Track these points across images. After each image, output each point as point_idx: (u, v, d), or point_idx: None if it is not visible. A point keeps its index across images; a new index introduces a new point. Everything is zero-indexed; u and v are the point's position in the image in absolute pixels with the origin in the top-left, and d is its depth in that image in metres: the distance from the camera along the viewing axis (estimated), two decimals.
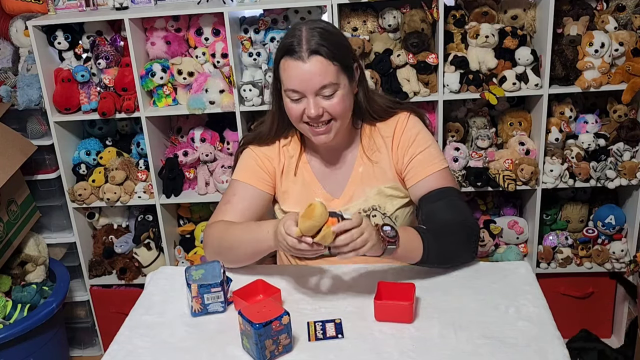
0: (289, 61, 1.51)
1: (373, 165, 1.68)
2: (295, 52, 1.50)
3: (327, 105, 1.53)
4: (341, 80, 1.53)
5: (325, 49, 1.49)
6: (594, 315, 2.70)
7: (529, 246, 2.64)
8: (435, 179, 1.63)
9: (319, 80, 1.50)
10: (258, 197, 1.70)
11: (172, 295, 1.58)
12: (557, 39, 2.35)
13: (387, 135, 1.68)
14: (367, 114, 1.67)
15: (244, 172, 1.71)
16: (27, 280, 2.57)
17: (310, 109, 1.52)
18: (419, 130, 1.67)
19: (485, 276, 1.55)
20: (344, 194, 1.69)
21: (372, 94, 1.68)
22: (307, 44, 1.49)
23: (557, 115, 2.46)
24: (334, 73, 1.51)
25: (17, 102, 2.54)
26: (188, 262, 2.72)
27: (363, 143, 1.69)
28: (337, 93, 1.53)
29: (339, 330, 1.38)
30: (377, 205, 1.67)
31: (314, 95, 1.52)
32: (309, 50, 1.49)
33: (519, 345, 1.30)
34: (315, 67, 1.49)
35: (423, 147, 1.65)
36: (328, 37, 1.52)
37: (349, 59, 1.57)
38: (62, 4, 2.51)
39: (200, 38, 2.51)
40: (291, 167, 1.71)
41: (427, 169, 1.63)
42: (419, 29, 2.35)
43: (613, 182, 2.42)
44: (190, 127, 2.67)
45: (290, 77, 1.52)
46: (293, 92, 1.53)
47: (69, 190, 2.63)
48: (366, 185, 1.68)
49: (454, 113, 2.60)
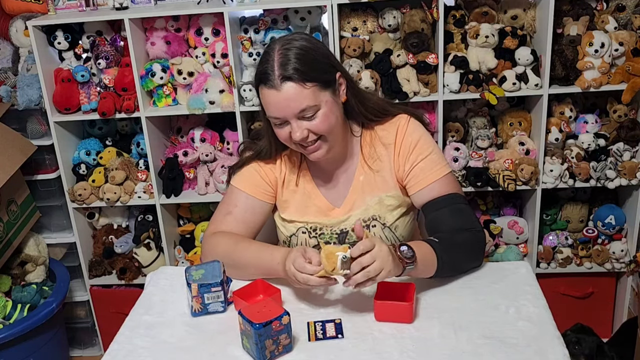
0: (264, 90, 1.49)
1: (374, 173, 1.66)
2: (268, 80, 1.47)
3: (311, 126, 1.50)
4: (321, 99, 1.49)
5: (297, 73, 1.45)
6: (594, 315, 2.70)
7: (529, 246, 2.64)
8: (439, 186, 1.61)
9: (295, 106, 1.47)
10: (259, 208, 1.69)
11: (172, 295, 1.58)
12: (557, 39, 2.36)
13: (388, 143, 1.65)
14: (363, 117, 1.64)
15: (246, 183, 1.69)
16: (27, 280, 2.57)
17: (295, 132, 1.50)
18: (420, 136, 1.65)
19: (485, 276, 1.55)
20: (344, 203, 1.68)
21: (364, 96, 1.65)
22: (279, 69, 1.45)
23: (557, 115, 2.46)
24: (310, 95, 1.47)
25: (17, 102, 2.54)
26: (188, 262, 2.72)
27: (364, 152, 1.67)
28: (318, 113, 1.49)
29: (339, 330, 1.38)
30: (377, 215, 1.65)
31: (296, 119, 1.49)
32: (280, 77, 1.45)
33: (519, 345, 1.30)
34: (289, 94, 1.46)
35: (425, 154, 1.63)
36: (301, 57, 1.47)
37: (328, 73, 1.52)
38: (62, 4, 2.51)
39: (200, 38, 2.51)
40: (292, 177, 1.70)
41: (429, 177, 1.61)
42: (419, 29, 2.35)
43: (613, 182, 2.42)
44: (190, 127, 2.67)
45: (269, 104, 1.50)
46: (275, 119, 1.52)
47: (69, 190, 2.63)
48: (367, 194, 1.66)
49: (454, 113, 2.60)
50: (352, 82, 1.61)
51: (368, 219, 1.65)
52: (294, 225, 1.69)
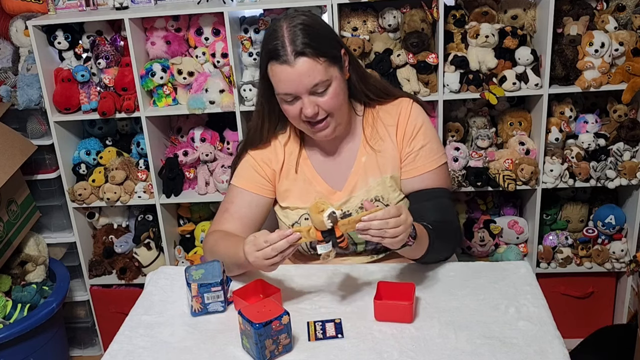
0: (276, 66, 1.50)
1: (376, 154, 1.67)
2: (280, 56, 1.48)
3: (321, 103, 1.52)
4: (331, 73, 1.52)
5: (310, 48, 1.48)
6: (594, 315, 2.70)
7: (529, 246, 2.64)
8: (430, 178, 1.63)
9: (309, 81, 1.49)
10: (256, 202, 1.70)
11: (172, 295, 1.58)
12: (557, 38, 2.35)
13: (390, 124, 1.67)
14: (364, 95, 1.66)
15: (242, 179, 1.71)
16: (27, 280, 2.57)
17: (306, 108, 1.52)
18: (423, 122, 1.66)
19: (485, 276, 1.56)
20: (346, 186, 1.68)
21: (365, 74, 1.68)
22: (290, 45, 1.47)
23: (557, 115, 2.46)
24: (323, 70, 1.50)
25: (17, 102, 2.54)
26: (188, 262, 2.72)
27: (365, 133, 1.68)
28: (329, 89, 1.52)
29: (339, 330, 1.38)
30: (380, 196, 1.65)
31: (308, 95, 1.51)
32: (294, 53, 1.47)
33: (519, 345, 1.31)
34: (302, 69, 1.48)
35: (424, 142, 1.64)
36: (310, 31, 1.50)
37: (335, 48, 1.55)
38: (62, 3, 2.51)
39: (200, 38, 2.51)
40: (291, 165, 1.70)
41: (423, 166, 1.64)
42: (419, 29, 2.35)
43: (613, 182, 2.42)
44: (190, 127, 2.67)
45: (280, 81, 1.51)
46: (286, 95, 1.53)
47: (69, 190, 2.63)
48: (370, 175, 1.66)
49: (454, 113, 2.60)
50: (355, 60, 1.64)
51: (371, 200, 1.66)
52: (296, 212, 1.69)
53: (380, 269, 1.61)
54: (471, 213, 2.69)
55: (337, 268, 1.62)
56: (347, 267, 1.63)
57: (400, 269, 1.61)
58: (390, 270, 1.60)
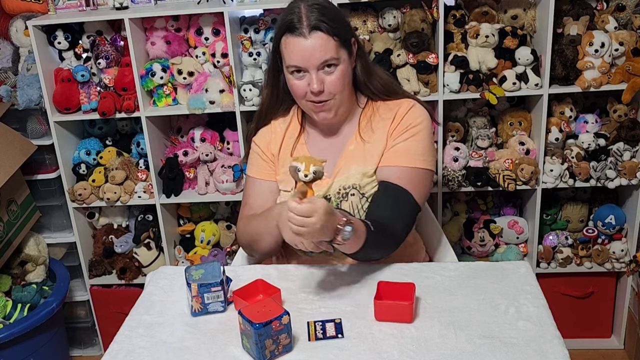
0: (290, 38, 1.55)
1: (364, 144, 1.68)
2: (296, 28, 1.53)
3: (327, 82, 1.57)
4: (341, 55, 1.57)
5: (325, 24, 1.53)
6: (594, 315, 2.70)
7: (529, 246, 2.64)
8: (403, 175, 1.61)
9: (320, 56, 1.53)
10: (269, 188, 1.75)
11: (172, 295, 1.58)
12: (557, 38, 2.35)
13: (387, 117, 1.68)
14: (367, 88, 1.69)
15: (253, 168, 1.78)
16: (27, 280, 2.57)
17: (313, 83, 1.55)
18: (420, 122, 1.65)
19: (485, 276, 1.56)
20: (332, 172, 1.69)
21: (371, 68, 1.70)
22: (307, 20, 1.53)
23: (557, 115, 2.46)
24: (334, 48, 1.55)
25: (17, 102, 2.54)
26: (188, 262, 2.72)
27: (361, 124, 1.70)
28: (337, 68, 1.57)
29: (339, 330, 1.38)
30: (358, 185, 1.66)
31: (316, 71, 1.55)
32: (309, 27, 1.52)
33: (519, 345, 1.30)
34: (316, 43, 1.53)
35: (413, 140, 1.63)
36: (326, 12, 1.56)
37: (347, 33, 1.61)
38: (62, 3, 2.51)
39: (200, 38, 2.51)
40: (288, 150, 1.74)
41: (402, 160, 1.62)
42: (419, 29, 2.35)
43: (613, 182, 2.42)
44: (190, 126, 2.67)
45: (292, 53, 1.55)
46: (296, 68, 1.57)
47: (69, 190, 2.63)
48: (352, 163, 1.68)
49: (454, 113, 2.60)
50: (363, 53, 1.68)
51: (348, 187, 1.66)
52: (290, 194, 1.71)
53: (380, 269, 1.61)
54: (471, 213, 2.69)
55: (337, 268, 1.62)
56: (347, 267, 1.63)
57: (401, 269, 1.61)
58: (390, 270, 1.60)
